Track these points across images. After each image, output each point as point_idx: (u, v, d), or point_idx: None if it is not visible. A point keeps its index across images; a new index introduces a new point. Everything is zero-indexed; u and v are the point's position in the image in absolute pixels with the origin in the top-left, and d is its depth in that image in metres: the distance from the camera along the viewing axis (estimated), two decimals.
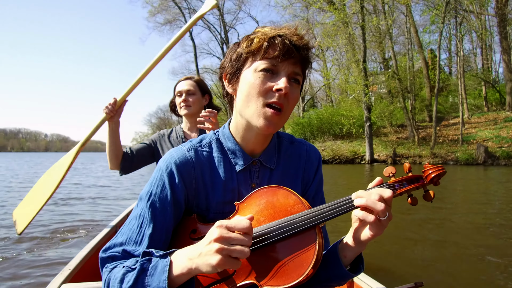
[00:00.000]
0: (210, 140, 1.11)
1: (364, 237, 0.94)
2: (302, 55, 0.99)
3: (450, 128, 28.73)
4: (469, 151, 22.98)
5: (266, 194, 1.00)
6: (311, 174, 1.18)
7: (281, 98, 0.96)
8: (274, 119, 0.97)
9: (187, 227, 1.05)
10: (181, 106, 2.38)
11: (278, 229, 0.92)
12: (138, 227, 0.99)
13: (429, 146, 25.46)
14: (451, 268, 4.23)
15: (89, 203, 9.74)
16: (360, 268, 1.05)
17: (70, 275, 2.02)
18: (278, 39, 0.96)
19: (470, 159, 22.13)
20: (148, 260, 0.89)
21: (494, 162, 21.32)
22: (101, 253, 1.00)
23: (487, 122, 27.84)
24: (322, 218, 0.92)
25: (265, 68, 0.96)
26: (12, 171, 24.84)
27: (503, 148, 22.35)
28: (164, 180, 1.01)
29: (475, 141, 24.22)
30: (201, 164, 1.05)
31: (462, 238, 5.54)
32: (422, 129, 29.74)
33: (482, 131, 26.19)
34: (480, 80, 32.10)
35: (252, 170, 1.09)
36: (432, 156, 24.00)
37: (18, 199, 9.56)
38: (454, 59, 29.61)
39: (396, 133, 30.66)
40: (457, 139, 25.59)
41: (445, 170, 0.99)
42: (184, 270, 0.84)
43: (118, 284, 0.88)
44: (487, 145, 22.74)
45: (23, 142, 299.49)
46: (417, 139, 26.98)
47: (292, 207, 0.96)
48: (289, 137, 1.21)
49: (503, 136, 24.05)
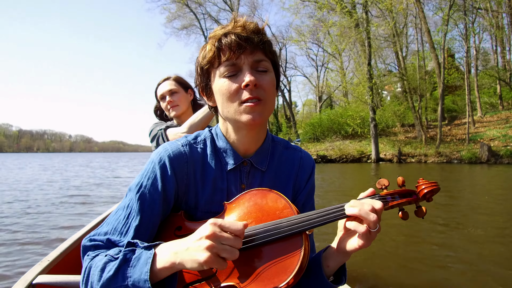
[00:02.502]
0: (205, 137, 1.11)
1: (349, 248, 0.93)
2: (254, 41, 0.97)
3: (461, 127, 28.93)
4: (474, 150, 23.38)
5: (255, 196, 0.99)
6: (303, 181, 1.16)
7: (252, 91, 0.96)
8: (256, 109, 0.96)
9: (173, 224, 1.03)
10: (169, 108, 2.31)
11: (264, 232, 0.90)
12: (125, 218, 0.97)
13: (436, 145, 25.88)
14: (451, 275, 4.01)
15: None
16: (342, 279, 1.04)
17: (49, 266, 1.94)
18: (226, 39, 0.96)
19: (474, 158, 22.57)
20: (132, 251, 0.88)
21: (497, 160, 21.67)
22: (84, 241, 0.97)
23: (498, 121, 27.93)
24: (310, 224, 0.90)
25: (226, 71, 0.97)
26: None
27: (508, 147, 22.59)
28: (156, 172, 0.99)
29: (482, 140, 24.50)
30: (194, 160, 1.05)
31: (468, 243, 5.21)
32: (432, 129, 30.04)
33: (491, 130, 26.39)
34: (495, 78, 31.95)
35: (242, 170, 1.08)
36: (437, 155, 24.52)
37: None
38: (468, 58, 29.35)
39: (406, 132, 31.13)
40: (465, 138, 25.95)
41: (439, 187, 0.97)
42: (168, 263, 0.83)
43: (98, 273, 0.86)
44: (492, 144, 23.12)
45: (48, 143, 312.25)
46: (424, 138, 27.48)
47: (280, 211, 0.95)
48: (284, 142, 1.20)
49: (510, 135, 24.20)
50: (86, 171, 24.45)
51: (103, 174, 21.86)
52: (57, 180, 16.73)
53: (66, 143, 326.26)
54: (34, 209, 8.17)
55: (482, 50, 36.69)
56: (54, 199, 9.93)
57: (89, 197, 10.51)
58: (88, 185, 14.30)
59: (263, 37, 0.99)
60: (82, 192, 11.65)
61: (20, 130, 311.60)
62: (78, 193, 11.34)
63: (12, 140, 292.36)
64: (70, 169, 27.15)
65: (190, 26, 42.71)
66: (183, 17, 42.39)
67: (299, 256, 0.88)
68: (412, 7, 29.08)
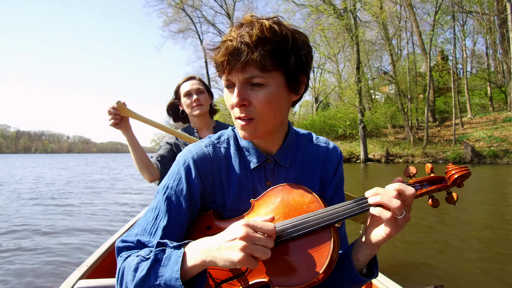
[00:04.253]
0: (228, 137, 1.11)
1: (377, 238, 0.91)
2: (244, 57, 0.86)
3: (450, 128, 29.60)
4: (458, 150, 24.24)
5: (281, 192, 0.99)
6: (330, 174, 1.13)
7: (242, 110, 0.94)
8: (247, 129, 0.96)
9: (203, 223, 1.05)
10: (193, 106, 2.29)
11: (292, 227, 0.90)
12: (154, 219, 1.00)
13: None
14: (473, 270, 4.11)
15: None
16: (374, 272, 1.02)
17: (88, 271, 2.01)
18: (216, 53, 0.92)
19: (458, 158, 23.40)
20: (162, 251, 0.89)
21: (480, 160, 22.48)
22: (117, 243, 1.00)
23: (487, 122, 28.80)
24: (338, 217, 0.89)
25: (225, 83, 0.96)
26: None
27: (491, 147, 23.42)
28: (181, 174, 1.01)
29: (468, 141, 25.32)
30: (218, 160, 1.05)
31: (484, 241, 5.39)
32: (422, 130, 30.77)
33: (478, 131, 27.26)
34: (485, 81, 32.76)
35: (266, 167, 1.08)
36: (423, 155, 25.39)
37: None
38: (454, 61, 30.14)
39: (397, 133, 31.92)
40: (452, 139, 26.81)
41: (470, 171, 0.94)
42: (198, 261, 0.84)
43: (132, 273, 0.89)
44: (477, 145, 24.07)
45: (46, 144, 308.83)
46: (412, 139, 28.34)
47: (307, 206, 0.94)
48: (309, 136, 1.17)
49: (495, 136, 25.12)
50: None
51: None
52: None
53: (64, 144, 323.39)
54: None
55: (477, 52, 37.38)
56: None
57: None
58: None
59: (265, 48, 0.87)
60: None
61: (18, 131, 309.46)
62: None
63: (10, 141, 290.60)
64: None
65: (187, 30, 43.45)
66: (180, 21, 43.02)
67: (328, 249, 0.87)
68: (404, 10, 29.91)
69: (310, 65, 1.00)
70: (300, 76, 0.98)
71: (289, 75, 0.94)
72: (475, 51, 38.26)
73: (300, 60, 0.94)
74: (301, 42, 0.94)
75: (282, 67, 0.92)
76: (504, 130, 25.50)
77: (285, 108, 1.01)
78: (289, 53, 0.91)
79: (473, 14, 31.53)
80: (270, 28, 0.88)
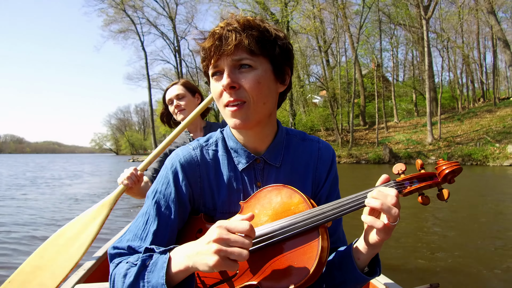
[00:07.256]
0: (216, 139, 1.10)
1: (373, 241, 0.90)
2: (232, 40, 0.90)
3: (378, 131, 31.90)
4: (379, 152, 26.24)
5: (270, 193, 0.98)
6: (323, 173, 1.12)
7: (232, 94, 0.93)
8: (238, 114, 0.94)
9: (194, 227, 1.04)
10: (176, 112, 2.38)
11: (280, 229, 0.89)
12: (144, 223, 0.99)
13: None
14: (468, 269, 4.11)
15: None
16: (377, 271, 1.01)
17: (85, 275, 2.01)
18: (205, 42, 0.95)
19: (377, 159, 25.39)
20: (150, 256, 0.89)
21: (397, 161, 24.52)
22: (109, 249, 1.01)
23: (409, 126, 31.42)
24: (326, 217, 0.88)
25: (212, 72, 0.96)
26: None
27: (408, 149, 25.68)
28: (168, 178, 1.01)
29: (389, 143, 27.51)
30: (206, 163, 1.05)
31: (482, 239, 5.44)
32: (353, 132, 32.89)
33: (399, 134, 29.72)
34: (411, 88, 35.70)
35: (256, 168, 1.07)
36: (348, 156, 27.31)
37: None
38: (379, 71, 32.65)
39: (329, 136, 33.76)
40: (375, 142, 29.04)
41: (461, 167, 0.91)
42: (182, 267, 0.83)
43: (121, 279, 0.89)
44: (396, 147, 26.32)
45: None
46: (340, 141, 30.34)
47: (296, 207, 0.93)
48: (301, 135, 1.16)
49: (413, 139, 27.56)
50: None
51: None
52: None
53: None
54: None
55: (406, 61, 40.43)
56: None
57: None
58: None
59: (251, 32, 0.92)
60: None
61: None
62: None
63: None
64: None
65: (128, 31, 43.02)
66: (121, 21, 42.55)
67: (317, 250, 0.86)
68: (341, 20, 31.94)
69: (292, 59, 1.04)
70: (285, 67, 1.02)
71: (275, 63, 0.98)
72: (407, 59, 41.71)
73: (284, 51, 0.99)
74: (283, 36, 1.00)
75: (269, 56, 0.96)
76: (421, 134, 28.01)
77: (274, 96, 1.02)
78: (274, 43, 0.96)
79: (401, 27, 34.33)
80: (254, 19, 0.95)
